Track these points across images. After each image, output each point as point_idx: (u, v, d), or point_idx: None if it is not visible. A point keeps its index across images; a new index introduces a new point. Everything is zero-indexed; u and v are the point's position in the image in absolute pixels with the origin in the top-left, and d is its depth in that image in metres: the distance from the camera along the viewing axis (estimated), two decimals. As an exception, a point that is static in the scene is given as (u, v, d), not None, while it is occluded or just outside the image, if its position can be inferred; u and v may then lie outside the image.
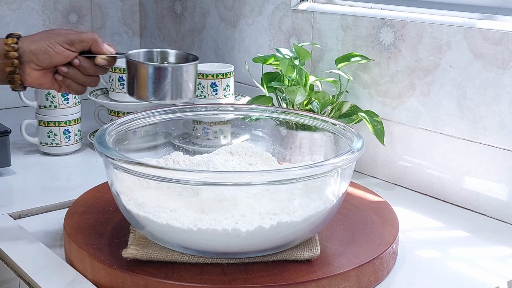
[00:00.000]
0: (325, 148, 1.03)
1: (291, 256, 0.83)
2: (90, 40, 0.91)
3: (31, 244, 0.92)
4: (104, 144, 0.84)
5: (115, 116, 1.41)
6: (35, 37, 0.91)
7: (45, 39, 0.90)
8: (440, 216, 1.09)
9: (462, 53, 1.08)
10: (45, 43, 0.90)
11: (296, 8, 1.38)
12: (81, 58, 0.92)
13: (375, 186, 1.20)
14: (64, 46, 0.90)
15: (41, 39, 0.91)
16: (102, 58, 0.92)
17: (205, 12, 1.66)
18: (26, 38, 0.91)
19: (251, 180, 0.78)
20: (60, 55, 0.90)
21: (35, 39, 0.91)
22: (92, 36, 0.92)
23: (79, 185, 1.22)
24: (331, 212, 0.85)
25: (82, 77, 0.93)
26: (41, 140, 1.34)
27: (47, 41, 0.90)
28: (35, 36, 0.92)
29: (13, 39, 0.90)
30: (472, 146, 1.09)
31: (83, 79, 0.93)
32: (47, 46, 0.90)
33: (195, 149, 1.13)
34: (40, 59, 0.90)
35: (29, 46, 0.90)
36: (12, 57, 0.89)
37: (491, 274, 0.89)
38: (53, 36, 0.91)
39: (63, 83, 0.93)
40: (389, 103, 1.21)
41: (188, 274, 0.79)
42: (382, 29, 1.20)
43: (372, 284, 0.84)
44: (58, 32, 0.92)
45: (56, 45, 0.90)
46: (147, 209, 0.82)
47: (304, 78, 1.21)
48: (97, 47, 0.92)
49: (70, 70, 0.92)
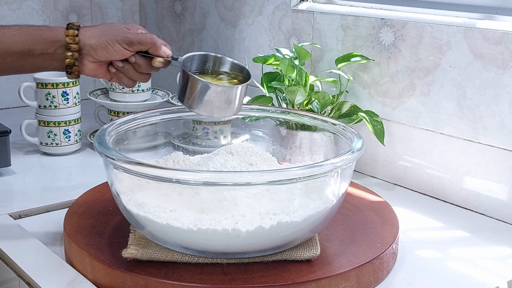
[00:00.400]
0: (325, 148, 1.03)
1: (291, 256, 0.83)
2: (149, 44, 0.92)
3: (31, 244, 0.92)
4: (104, 144, 0.84)
5: (115, 116, 1.41)
6: (95, 31, 0.91)
7: (105, 35, 0.91)
8: (440, 216, 1.09)
9: (462, 53, 1.08)
10: (105, 39, 0.90)
11: (296, 8, 1.38)
12: (137, 56, 0.92)
13: (375, 186, 1.20)
14: (122, 45, 0.91)
15: (101, 34, 0.91)
16: (159, 61, 0.93)
17: (205, 12, 1.66)
18: (86, 30, 0.91)
19: (251, 180, 0.78)
20: (118, 53, 0.91)
21: (95, 34, 0.91)
22: (151, 39, 0.92)
23: (79, 185, 1.22)
24: (331, 212, 0.85)
25: (135, 73, 0.94)
26: (41, 140, 1.34)
27: (106, 38, 0.91)
28: (94, 29, 0.92)
29: (74, 31, 0.90)
30: (472, 146, 1.09)
31: (136, 76, 0.94)
32: (106, 43, 0.90)
33: (195, 149, 1.13)
34: (98, 54, 0.91)
35: (89, 40, 0.90)
36: (73, 49, 0.90)
37: (491, 274, 0.89)
38: (113, 34, 0.91)
39: (115, 75, 0.95)
40: (389, 103, 1.21)
41: (188, 274, 0.79)
42: (382, 29, 1.20)
43: (372, 284, 0.84)
44: (118, 30, 0.92)
45: (116, 44, 0.90)
46: (147, 209, 0.82)
47: (304, 78, 1.21)
48: (155, 50, 0.92)
49: (125, 65, 0.93)
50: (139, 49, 0.92)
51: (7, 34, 0.89)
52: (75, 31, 0.90)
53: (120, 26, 0.93)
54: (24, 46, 0.89)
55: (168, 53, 0.93)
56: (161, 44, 0.93)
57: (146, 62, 0.93)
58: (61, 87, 1.31)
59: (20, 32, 0.90)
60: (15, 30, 0.90)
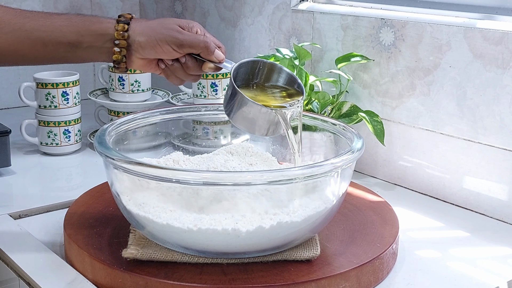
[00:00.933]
0: (325, 148, 1.03)
1: (291, 256, 0.83)
2: (201, 48, 0.87)
3: (31, 244, 0.92)
4: (104, 144, 0.84)
5: (115, 116, 1.41)
6: (146, 28, 0.87)
7: (155, 34, 0.86)
8: (440, 216, 1.09)
9: (462, 53, 1.08)
10: (154, 38, 0.86)
11: (296, 8, 1.38)
12: (188, 58, 0.88)
13: (375, 186, 1.20)
14: (172, 47, 0.86)
15: (151, 32, 0.87)
16: (210, 67, 0.89)
17: (205, 12, 1.66)
18: (137, 25, 0.87)
19: (251, 180, 0.78)
20: (166, 54, 0.87)
21: (145, 31, 0.87)
22: (204, 43, 0.87)
23: (79, 185, 1.22)
24: (331, 212, 0.85)
25: (184, 73, 0.90)
26: (41, 140, 1.34)
27: (156, 37, 0.86)
28: (146, 25, 0.88)
29: (124, 26, 0.86)
30: (472, 146, 1.09)
31: (184, 76, 0.90)
32: (156, 42, 0.86)
33: (195, 149, 1.13)
34: (146, 52, 0.87)
35: (138, 37, 0.86)
36: (122, 46, 0.86)
37: (491, 274, 0.89)
38: (163, 33, 0.86)
39: (164, 71, 0.91)
40: (389, 103, 1.21)
41: (188, 274, 0.79)
42: (382, 29, 1.20)
43: (372, 284, 0.84)
44: (170, 29, 0.87)
45: (165, 45, 0.86)
46: (147, 209, 0.82)
47: (304, 78, 1.21)
48: (207, 55, 0.88)
49: (174, 63, 0.89)
50: (189, 52, 0.88)
51: (56, 24, 0.86)
52: (125, 26, 0.86)
53: (174, 24, 0.88)
54: (72, 37, 0.86)
55: (220, 58, 0.88)
56: (214, 48, 0.88)
57: (196, 64, 0.89)
58: (61, 87, 1.31)
59: (69, 22, 0.86)
60: (64, 19, 0.87)
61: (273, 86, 0.93)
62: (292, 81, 0.92)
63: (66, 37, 0.86)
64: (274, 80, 0.93)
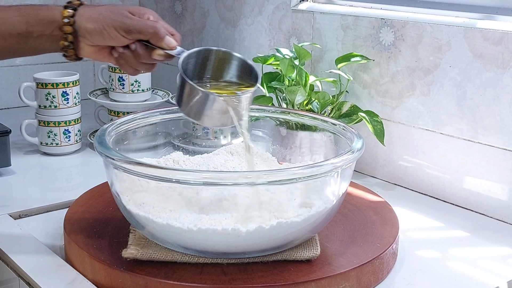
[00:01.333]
0: (325, 148, 1.03)
1: (291, 256, 0.83)
2: (150, 34, 0.84)
3: (31, 244, 0.92)
4: (104, 144, 0.84)
5: (115, 116, 1.41)
6: (94, 13, 0.85)
7: (103, 19, 0.84)
8: (440, 216, 1.09)
9: (462, 53, 1.08)
10: (101, 24, 0.84)
11: (296, 8, 1.38)
12: (138, 44, 0.85)
13: (375, 186, 1.20)
14: (120, 32, 0.84)
15: (98, 17, 0.84)
16: (159, 54, 0.86)
17: (205, 12, 1.66)
18: (85, 10, 0.85)
19: (251, 180, 0.78)
20: (115, 40, 0.85)
21: (92, 16, 0.84)
22: (153, 28, 0.84)
23: (79, 185, 1.22)
24: (331, 212, 0.85)
25: (136, 62, 0.87)
26: (41, 140, 1.34)
27: (103, 22, 0.84)
28: (94, 10, 0.85)
29: (70, 12, 0.84)
30: (472, 146, 1.09)
31: (137, 64, 0.88)
32: (102, 28, 0.84)
33: (195, 149, 1.13)
34: (94, 38, 0.85)
35: (85, 23, 0.84)
36: (67, 31, 0.84)
37: (491, 274, 0.89)
38: (111, 18, 0.84)
39: (117, 61, 0.88)
40: (389, 103, 1.21)
41: (188, 274, 0.79)
42: (382, 29, 1.20)
43: (372, 284, 0.84)
44: (118, 14, 0.85)
45: (112, 30, 0.84)
46: (147, 209, 0.82)
47: (304, 78, 1.21)
48: (156, 41, 0.85)
49: (126, 51, 0.86)
50: (138, 38, 0.85)
51: (5, 16, 0.84)
52: (71, 12, 0.84)
53: (123, 10, 0.86)
54: (21, 28, 0.83)
55: (172, 45, 0.85)
56: (165, 34, 0.85)
57: (147, 52, 0.86)
58: (61, 87, 1.31)
59: (18, 13, 0.84)
60: (13, 10, 0.85)
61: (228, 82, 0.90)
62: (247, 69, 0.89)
63: (16, 28, 0.84)
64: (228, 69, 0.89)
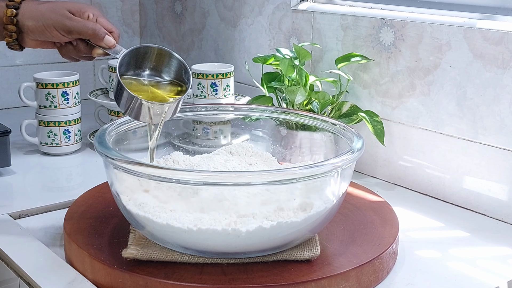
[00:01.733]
0: (325, 148, 1.03)
1: (291, 256, 0.83)
2: (90, 35, 0.89)
3: (31, 244, 0.92)
4: (104, 144, 0.84)
5: (115, 116, 1.41)
6: (35, 12, 0.88)
7: (44, 19, 0.88)
8: (440, 216, 1.09)
9: (462, 53, 1.08)
10: (42, 24, 0.88)
11: (296, 8, 1.38)
12: (79, 41, 0.91)
13: (375, 186, 1.20)
14: (61, 32, 0.88)
15: (40, 17, 0.88)
16: (98, 53, 0.91)
17: (205, 12, 1.66)
18: (27, 8, 0.88)
19: (251, 180, 0.78)
20: (56, 38, 0.89)
21: (34, 15, 0.88)
22: (92, 30, 0.89)
23: (79, 185, 1.22)
24: (331, 212, 0.85)
25: (77, 54, 0.92)
26: (41, 140, 1.34)
27: (44, 22, 0.87)
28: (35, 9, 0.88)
29: (12, 11, 0.87)
30: (472, 146, 1.09)
31: (77, 56, 0.93)
32: (44, 28, 0.88)
33: (195, 149, 1.13)
34: (36, 36, 0.89)
35: (27, 21, 0.88)
36: (11, 30, 0.88)
37: (491, 274, 0.89)
38: (52, 18, 0.88)
39: (59, 50, 0.93)
40: (389, 103, 1.21)
41: (188, 274, 0.79)
42: (382, 29, 1.20)
43: (372, 284, 0.84)
44: (58, 14, 0.88)
45: (53, 30, 0.88)
46: (147, 209, 0.82)
47: (304, 78, 1.21)
48: (96, 41, 0.90)
49: (67, 45, 0.91)
50: (78, 37, 0.89)
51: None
52: (13, 11, 0.87)
53: (63, 10, 0.89)
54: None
55: (110, 44, 0.90)
56: (104, 34, 0.90)
57: (87, 48, 0.91)
58: (61, 87, 1.31)
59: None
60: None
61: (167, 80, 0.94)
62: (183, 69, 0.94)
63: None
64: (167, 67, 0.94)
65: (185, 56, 1.77)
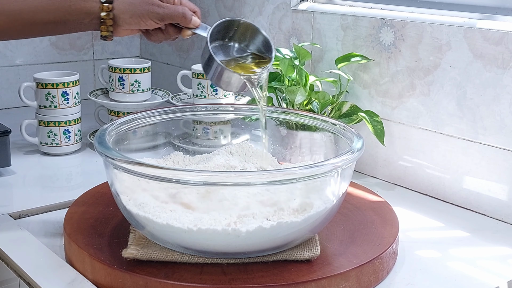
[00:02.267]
0: (325, 148, 1.03)
1: (291, 256, 0.83)
2: (180, 19, 0.96)
3: (31, 244, 0.92)
4: (104, 144, 0.84)
5: (115, 116, 1.41)
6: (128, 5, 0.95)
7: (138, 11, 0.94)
8: (440, 216, 1.09)
9: (462, 53, 1.08)
10: (137, 15, 0.94)
11: (296, 8, 1.38)
12: (168, 25, 0.97)
13: (375, 186, 1.20)
14: (154, 21, 0.94)
15: (134, 9, 0.94)
16: (188, 34, 0.98)
17: (205, 12, 1.66)
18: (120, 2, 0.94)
19: (251, 180, 0.78)
20: (150, 27, 0.96)
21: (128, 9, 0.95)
22: (183, 14, 0.95)
23: (79, 185, 1.22)
24: (331, 212, 0.85)
25: (164, 37, 0.99)
26: (41, 140, 1.34)
27: (139, 13, 0.94)
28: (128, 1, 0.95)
29: (109, 6, 0.93)
30: (472, 146, 1.09)
31: (164, 38, 0.99)
32: (139, 19, 0.94)
33: (195, 149, 1.13)
34: (131, 26, 0.96)
35: (123, 14, 0.94)
36: (109, 24, 0.94)
37: (491, 274, 0.89)
38: (145, 8, 0.94)
39: (144, 34, 1.00)
40: (389, 103, 1.21)
41: (188, 274, 0.79)
42: (382, 29, 1.20)
43: (372, 284, 0.84)
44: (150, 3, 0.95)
45: (148, 20, 0.94)
46: (147, 209, 0.82)
47: (304, 78, 1.21)
48: (185, 23, 0.97)
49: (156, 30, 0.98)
50: (169, 22, 0.96)
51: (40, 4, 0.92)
52: (109, 6, 0.93)
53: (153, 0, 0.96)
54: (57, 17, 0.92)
55: (197, 24, 0.97)
56: (191, 16, 0.97)
57: (176, 30, 0.98)
58: (61, 87, 1.31)
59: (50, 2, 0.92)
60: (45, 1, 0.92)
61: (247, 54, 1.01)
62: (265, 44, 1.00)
63: (51, 17, 0.92)
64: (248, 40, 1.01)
65: (185, 56, 1.77)
